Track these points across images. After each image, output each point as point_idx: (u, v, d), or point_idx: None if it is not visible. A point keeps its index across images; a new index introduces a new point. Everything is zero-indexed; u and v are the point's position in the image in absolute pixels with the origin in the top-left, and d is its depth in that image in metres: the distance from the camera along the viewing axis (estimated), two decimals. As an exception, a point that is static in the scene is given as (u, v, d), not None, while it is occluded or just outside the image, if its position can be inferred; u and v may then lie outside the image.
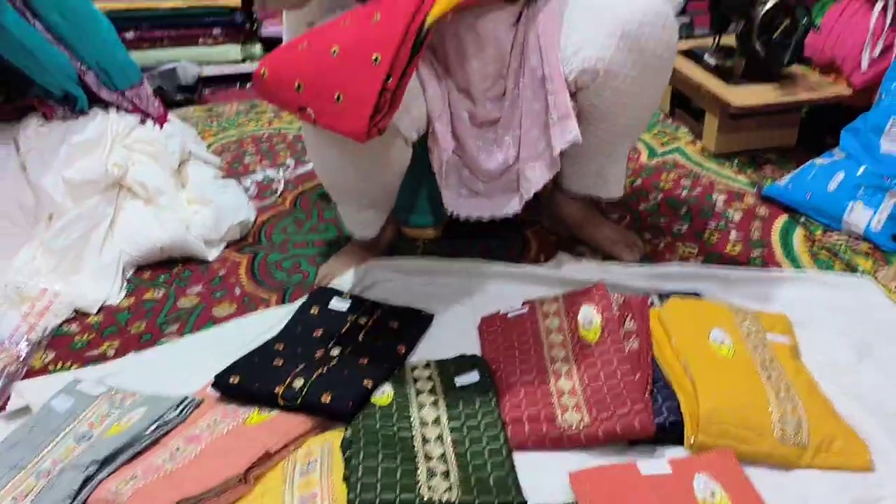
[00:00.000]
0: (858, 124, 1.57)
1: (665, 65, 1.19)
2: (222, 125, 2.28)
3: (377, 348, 1.15)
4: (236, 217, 1.57)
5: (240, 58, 2.70)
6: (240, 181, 1.80)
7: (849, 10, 1.79)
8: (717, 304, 1.21)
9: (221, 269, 1.49)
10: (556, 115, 1.18)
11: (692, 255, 1.44)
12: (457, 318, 1.26)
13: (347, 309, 1.25)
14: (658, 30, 1.14)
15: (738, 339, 1.10)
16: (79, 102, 1.54)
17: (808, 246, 1.45)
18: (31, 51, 1.42)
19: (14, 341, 1.26)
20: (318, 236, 1.59)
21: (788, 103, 1.74)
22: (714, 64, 1.92)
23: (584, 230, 1.46)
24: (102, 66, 1.55)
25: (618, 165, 1.35)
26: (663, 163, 1.84)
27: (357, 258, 1.40)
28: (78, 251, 1.44)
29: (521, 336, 1.15)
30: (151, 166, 1.56)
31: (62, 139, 1.48)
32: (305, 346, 1.16)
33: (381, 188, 1.25)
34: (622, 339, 1.10)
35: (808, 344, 1.14)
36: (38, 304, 1.34)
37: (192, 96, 2.53)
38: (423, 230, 1.50)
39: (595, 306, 1.15)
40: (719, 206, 1.62)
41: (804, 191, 1.55)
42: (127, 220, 1.51)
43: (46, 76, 1.47)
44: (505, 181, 1.29)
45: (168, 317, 1.35)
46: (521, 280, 1.34)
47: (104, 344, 1.28)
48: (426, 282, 1.36)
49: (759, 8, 1.70)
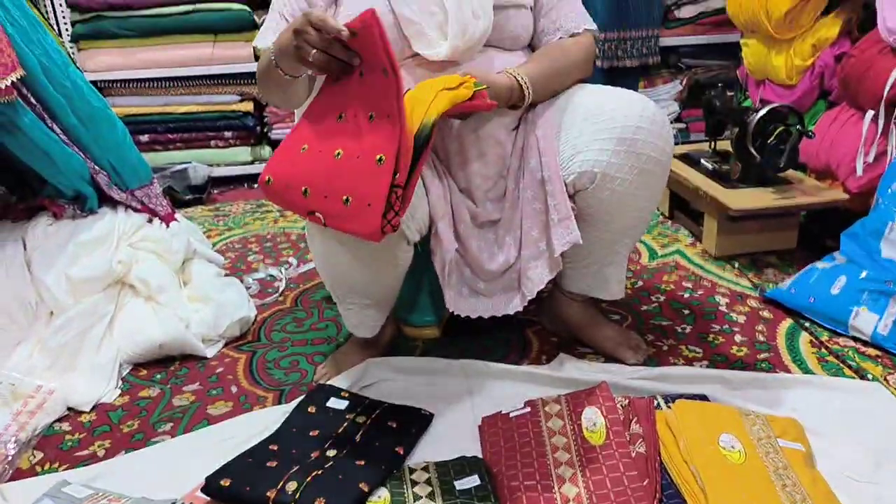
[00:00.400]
0: (857, 229, 1.59)
1: (661, 168, 1.22)
2: (228, 224, 2.32)
3: (375, 449, 1.12)
4: (236, 315, 1.56)
5: (249, 159, 2.78)
6: (242, 279, 1.81)
7: (840, 118, 1.84)
8: (726, 408, 1.17)
9: (219, 366, 1.47)
10: (557, 216, 1.20)
11: (697, 357, 1.42)
12: (457, 417, 1.23)
13: (346, 407, 1.23)
14: (654, 134, 1.18)
15: (749, 444, 1.06)
16: (89, 202, 1.57)
17: (815, 350, 1.43)
18: (47, 152, 1.46)
19: (2, 441, 1.23)
20: (318, 335, 1.58)
21: (786, 207, 1.77)
22: (711, 168, 1.97)
23: (585, 331, 1.45)
24: (115, 167, 1.59)
25: (618, 266, 1.36)
26: (664, 264, 1.85)
27: (357, 357, 1.39)
28: (75, 349, 1.43)
29: (522, 437, 1.12)
30: (155, 264, 1.58)
31: (69, 237, 1.50)
32: (301, 447, 1.12)
33: (383, 288, 1.26)
34: (628, 442, 1.06)
35: (821, 451, 1.11)
36: (32, 402, 1.31)
37: (201, 196, 2.59)
38: (423, 329, 1.49)
39: (599, 408, 1.12)
40: (722, 309, 1.61)
41: (807, 294, 1.54)
42: (127, 317, 1.51)
43: (60, 177, 1.51)
44: (506, 280, 1.29)
45: (162, 415, 1.32)
46: (522, 380, 1.32)
47: (95, 443, 1.25)
48: (426, 381, 1.34)
49: (752, 115, 1.76)
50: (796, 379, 1.31)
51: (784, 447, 1.08)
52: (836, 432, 1.15)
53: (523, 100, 1.20)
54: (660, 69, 2.81)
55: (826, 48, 1.94)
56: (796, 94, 2.02)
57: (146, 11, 2.55)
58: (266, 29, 1.27)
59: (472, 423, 1.21)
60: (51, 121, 1.48)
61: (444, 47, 1.17)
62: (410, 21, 1.17)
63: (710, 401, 1.22)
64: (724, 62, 2.78)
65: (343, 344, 1.46)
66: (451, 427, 1.21)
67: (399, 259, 1.19)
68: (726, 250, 1.86)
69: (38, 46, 1.43)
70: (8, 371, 1.37)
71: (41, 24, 1.48)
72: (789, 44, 2.02)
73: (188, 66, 2.64)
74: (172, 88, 2.68)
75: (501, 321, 1.34)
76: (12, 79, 1.35)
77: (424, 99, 1.02)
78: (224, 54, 2.63)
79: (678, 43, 2.75)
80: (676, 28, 2.73)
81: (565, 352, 1.42)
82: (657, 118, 1.19)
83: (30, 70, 1.40)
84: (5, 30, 1.37)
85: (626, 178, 1.18)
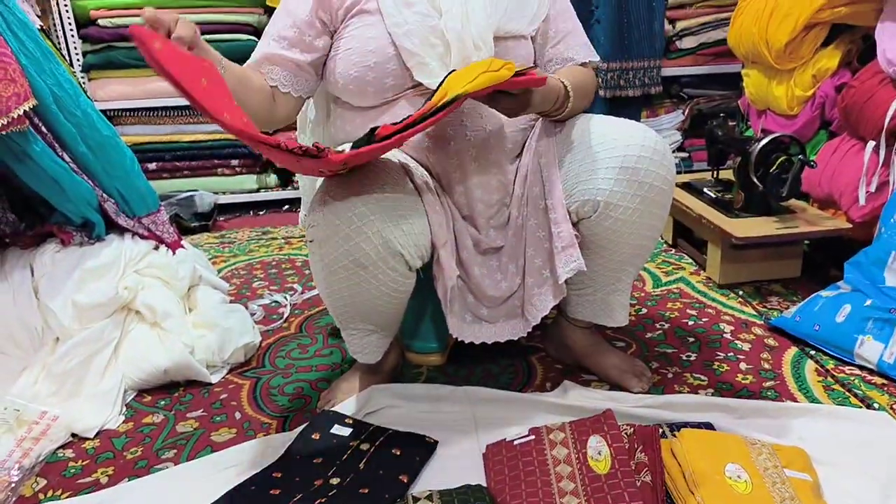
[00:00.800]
0: (861, 258, 1.59)
1: (664, 196, 1.23)
2: (234, 251, 2.33)
3: (378, 477, 1.11)
4: (241, 341, 1.57)
5: (255, 187, 2.80)
6: (247, 306, 1.81)
7: (842, 148, 1.86)
8: (732, 437, 1.17)
9: (223, 392, 1.47)
10: (560, 244, 1.21)
11: (702, 385, 1.41)
12: (461, 445, 1.23)
13: (349, 434, 1.22)
14: (656, 163, 1.19)
15: (756, 474, 1.05)
16: (96, 229, 1.58)
17: (821, 378, 1.42)
18: (56, 180, 1.48)
19: (6, 467, 1.23)
20: (322, 361, 1.58)
21: (789, 236, 1.77)
22: (714, 197, 1.98)
23: (590, 359, 1.44)
24: (123, 194, 1.61)
25: (622, 294, 1.36)
26: (668, 292, 1.85)
27: (361, 383, 1.39)
28: (79, 375, 1.43)
29: (527, 466, 1.11)
30: (161, 290, 1.58)
31: (77, 264, 1.52)
32: (304, 475, 1.12)
33: (385, 314, 1.26)
34: (633, 471, 1.05)
35: (829, 481, 1.10)
36: (36, 429, 1.31)
37: (207, 223, 2.61)
38: (428, 356, 1.49)
39: (604, 436, 1.12)
40: (727, 336, 1.61)
41: (812, 323, 1.54)
42: (132, 343, 1.51)
43: (68, 204, 1.53)
44: (509, 307, 1.30)
45: (166, 442, 1.31)
46: (527, 407, 1.32)
47: (98, 470, 1.24)
48: (430, 408, 1.34)
49: (755, 144, 1.77)
50: (803, 408, 1.31)
51: (791, 477, 1.07)
52: (843, 462, 1.14)
53: (564, 105, 1.22)
54: (662, 99, 2.84)
55: (826, 79, 1.96)
56: (798, 124, 2.04)
57: (156, 42, 2.60)
58: (256, 50, 1.28)
59: (476, 450, 1.21)
60: (61, 149, 1.50)
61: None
62: (412, 53, 1.19)
63: (715, 429, 1.21)
64: (725, 92, 2.82)
65: (347, 370, 1.46)
66: (455, 454, 1.21)
67: (398, 286, 1.20)
68: (730, 278, 1.87)
69: (51, 76, 1.46)
70: (12, 397, 1.37)
71: (54, 54, 1.50)
72: (790, 74, 2.05)
73: (196, 96, 2.67)
74: (180, 117, 2.71)
75: (506, 348, 1.34)
76: (25, 108, 1.37)
77: (466, 77, 1.05)
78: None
79: (680, 73, 2.78)
80: (678, 58, 2.77)
81: (570, 379, 1.42)
82: (659, 147, 1.20)
83: (42, 99, 1.43)
84: (19, 61, 1.39)
85: (628, 206, 1.19)
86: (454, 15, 1.18)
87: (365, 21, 1.22)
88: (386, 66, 1.20)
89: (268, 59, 1.25)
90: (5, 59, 1.36)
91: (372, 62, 1.20)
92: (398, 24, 1.19)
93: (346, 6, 1.23)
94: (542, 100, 1.16)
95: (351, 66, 1.22)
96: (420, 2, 1.20)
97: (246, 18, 2.67)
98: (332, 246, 1.11)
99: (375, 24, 1.21)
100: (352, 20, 1.23)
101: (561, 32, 1.33)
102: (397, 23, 1.19)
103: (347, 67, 1.22)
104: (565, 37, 1.33)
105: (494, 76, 1.04)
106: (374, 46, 1.20)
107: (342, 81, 1.24)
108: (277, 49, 1.25)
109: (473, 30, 1.18)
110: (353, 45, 1.22)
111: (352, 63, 1.22)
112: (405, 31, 1.18)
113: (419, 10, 1.20)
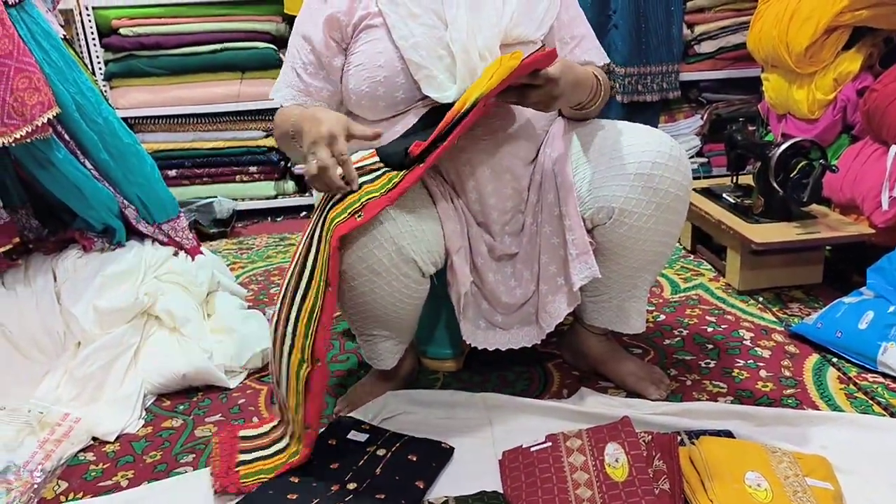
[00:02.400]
0: (884, 263, 1.57)
1: (680, 203, 1.22)
2: (251, 258, 2.35)
3: (395, 483, 1.11)
4: (258, 346, 1.58)
5: (273, 193, 2.82)
6: (264, 311, 1.82)
7: (864, 153, 1.83)
8: (752, 445, 1.15)
9: (241, 397, 1.48)
10: (575, 251, 1.21)
11: (721, 392, 1.40)
12: (477, 451, 1.22)
13: (366, 440, 1.22)
14: (672, 170, 1.18)
15: (776, 483, 1.04)
16: (117, 235, 1.60)
17: (843, 386, 1.40)
18: (78, 187, 1.50)
19: (29, 469, 1.24)
20: (338, 367, 1.59)
21: (810, 241, 1.75)
22: (733, 202, 1.96)
23: (607, 365, 1.43)
24: (143, 201, 1.63)
25: (639, 300, 1.35)
26: (687, 298, 1.84)
27: (376, 389, 1.39)
28: (100, 380, 1.45)
29: (544, 472, 1.11)
30: (180, 296, 1.60)
31: (98, 270, 1.54)
32: (321, 480, 1.12)
33: (400, 321, 1.26)
34: (652, 479, 1.04)
35: (851, 491, 1.08)
36: (58, 431, 1.33)
37: (226, 230, 2.63)
38: (443, 362, 1.49)
39: (622, 443, 1.11)
40: (747, 343, 1.59)
41: (834, 329, 1.52)
42: (152, 348, 1.53)
43: (90, 211, 1.55)
44: (523, 314, 1.29)
45: (185, 446, 1.32)
46: (544, 414, 1.31)
47: (118, 474, 1.25)
48: (446, 414, 1.34)
49: (774, 149, 1.76)
50: (824, 416, 1.29)
51: (813, 486, 1.05)
52: (866, 471, 1.12)
53: (598, 94, 1.23)
54: (680, 104, 2.82)
55: (848, 82, 1.94)
56: (818, 129, 2.02)
57: (176, 50, 2.64)
58: (281, 83, 1.31)
59: (492, 457, 1.20)
60: (83, 156, 1.53)
61: (454, 90, 1.18)
62: (419, 66, 1.19)
63: (735, 437, 1.20)
64: (744, 96, 2.79)
65: (363, 376, 1.46)
66: (471, 461, 1.20)
67: (414, 292, 1.20)
68: (750, 285, 1.85)
69: (73, 85, 1.48)
70: (36, 400, 1.39)
71: (76, 63, 1.53)
72: (811, 78, 2.03)
73: (216, 104, 2.71)
74: (200, 125, 2.75)
75: (522, 354, 1.34)
76: (48, 116, 1.40)
77: (481, 82, 1.09)
78: (250, 91, 2.70)
79: (698, 78, 2.76)
80: (697, 63, 2.75)
81: (587, 386, 1.41)
82: (675, 153, 1.19)
83: (65, 107, 1.45)
84: (43, 70, 1.42)
85: (644, 213, 1.18)
86: (459, 26, 1.18)
87: (373, 35, 1.23)
88: (395, 79, 1.21)
89: (302, 93, 1.29)
90: (30, 68, 1.38)
91: (381, 76, 1.21)
92: (405, 38, 1.19)
93: (354, 22, 1.24)
94: (572, 87, 1.15)
95: (362, 82, 1.23)
96: (426, 13, 1.20)
97: (264, 27, 2.69)
98: (347, 253, 1.12)
99: (383, 38, 1.22)
100: (360, 35, 1.24)
101: (577, 38, 1.33)
102: (404, 36, 1.19)
103: (359, 83, 1.23)
104: (581, 41, 1.33)
105: (507, 67, 1.05)
106: (383, 61, 1.21)
107: (355, 97, 1.25)
108: (305, 77, 1.28)
109: (480, 40, 1.18)
110: (363, 61, 1.23)
111: (363, 78, 1.23)
112: (412, 43, 1.19)
113: (425, 22, 1.20)
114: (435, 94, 1.20)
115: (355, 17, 1.24)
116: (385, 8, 1.21)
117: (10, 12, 1.39)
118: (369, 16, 1.23)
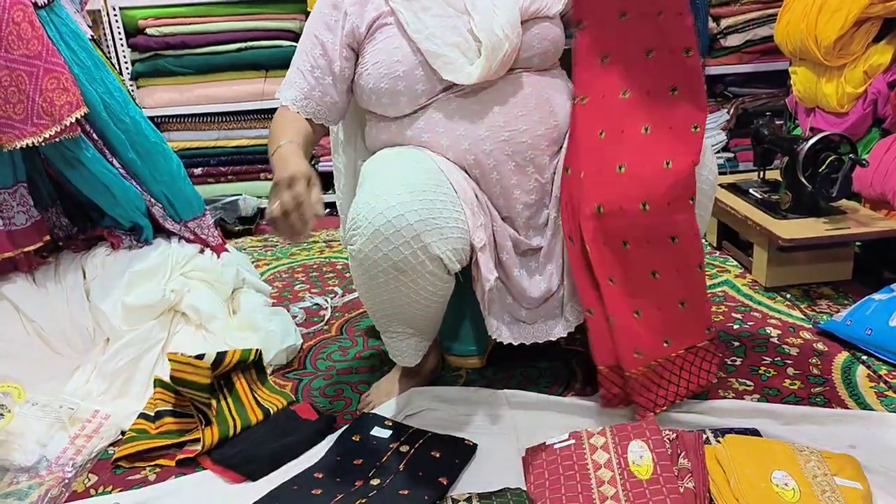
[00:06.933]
0: (916, 259, 1.54)
1: (705, 198, 1.21)
2: (276, 255, 2.37)
3: (418, 479, 1.12)
4: (283, 343, 1.59)
5: (297, 192, 2.84)
6: (289, 308, 1.84)
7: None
8: (779, 443, 1.14)
9: (266, 394, 1.49)
10: (600, 245, 1.20)
11: (748, 390, 1.38)
12: (501, 448, 1.22)
13: (389, 437, 1.23)
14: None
15: (804, 482, 1.03)
16: (144, 233, 1.62)
17: (873, 384, 1.38)
18: (107, 186, 1.53)
19: (61, 464, 1.27)
20: (363, 363, 1.59)
21: (839, 237, 1.72)
22: (760, 198, 1.93)
23: (632, 362, 1.42)
24: (170, 199, 1.65)
25: (665, 296, 1.33)
26: (713, 295, 1.82)
27: (400, 385, 1.39)
28: (129, 375, 1.47)
29: (567, 470, 1.10)
30: (206, 293, 1.62)
31: (126, 267, 1.56)
32: (345, 476, 1.13)
33: (424, 318, 1.26)
34: (676, 477, 1.04)
35: (881, 491, 1.06)
36: (89, 426, 1.35)
37: (251, 227, 2.65)
38: (467, 359, 1.49)
39: (646, 441, 1.10)
40: (774, 341, 1.57)
41: (864, 327, 1.49)
42: (178, 344, 1.54)
43: (118, 209, 1.57)
44: (548, 308, 1.29)
45: (210, 442, 1.34)
46: (567, 411, 1.31)
47: (146, 468, 1.27)
48: (470, 411, 1.33)
49: (803, 144, 1.73)
50: (853, 414, 1.27)
51: (841, 485, 1.04)
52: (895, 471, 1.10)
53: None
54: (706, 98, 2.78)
55: (878, 75, 1.90)
56: (848, 122, 1.98)
57: (201, 50, 2.66)
58: (288, 82, 1.31)
59: (515, 453, 1.20)
60: (111, 155, 1.55)
61: (476, 68, 1.19)
62: (436, 55, 1.20)
63: (761, 436, 1.18)
64: (771, 90, 2.75)
65: (387, 373, 1.47)
66: (494, 458, 1.20)
67: (439, 289, 1.20)
68: (777, 281, 1.82)
69: (101, 85, 1.50)
70: (67, 395, 1.42)
71: (104, 63, 1.55)
72: (840, 71, 1.99)
73: (240, 102, 2.73)
74: (225, 123, 2.77)
75: (545, 351, 1.33)
76: (77, 115, 1.42)
77: None
78: (274, 89, 2.69)
79: (725, 72, 2.72)
80: (723, 57, 2.71)
81: (611, 383, 1.40)
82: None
83: (93, 107, 1.48)
84: (72, 70, 1.44)
85: (669, 208, 1.17)
86: (480, 7, 1.19)
87: (387, 33, 1.23)
88: (414, 72, 1.21)
89: (305, 97, 1.29)
90: (59, 68, 1.41)
91: (401, 71, 1.22)
92: (419, 31, 1.20)
93: (367, 23, 1.24)
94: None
95: (381, 80, 1.23)
96: (436, 4, 1.22)
97: (287, 25, 2.71)
98: (371, 251, 1.12)
99: (397, 34, 1.22)
100: (374, 35, 1.24)
101: None
102: (418, 29, 1.20)
103: (378, 81, 1.24)
104: None
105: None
106: (400, 56, 1.22)
107: (375, 96, 1.26)
108: (312, 80, 1.28)
109: (501, 17, 1.18)
110: (381, 59, 1.23)
111: (381, 76, 1.23)
112: (426, 35, 1.20)
113: (436, 13, 1.21)
114: (455, 77, 1.20)
115: (368, 18, 1.24)
116: (398, 6, 1.21)
117: (40, 14, 1.41)
118: (382, 15, 1.24)
